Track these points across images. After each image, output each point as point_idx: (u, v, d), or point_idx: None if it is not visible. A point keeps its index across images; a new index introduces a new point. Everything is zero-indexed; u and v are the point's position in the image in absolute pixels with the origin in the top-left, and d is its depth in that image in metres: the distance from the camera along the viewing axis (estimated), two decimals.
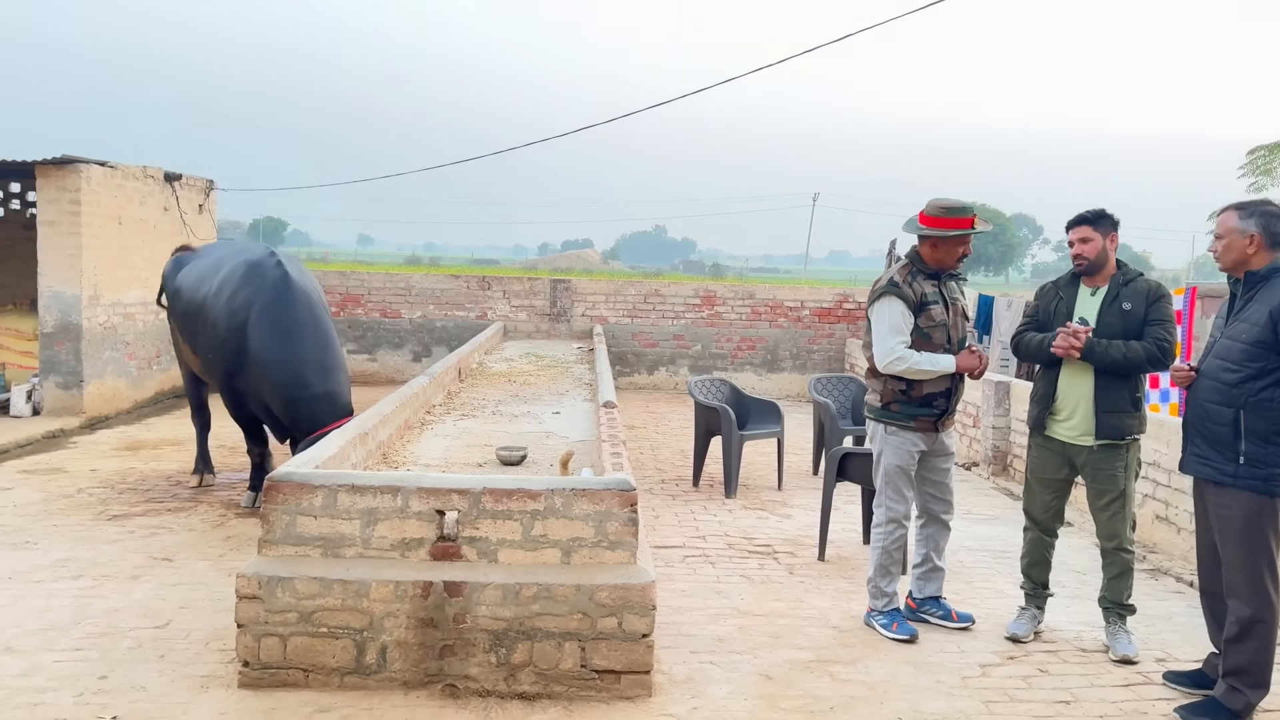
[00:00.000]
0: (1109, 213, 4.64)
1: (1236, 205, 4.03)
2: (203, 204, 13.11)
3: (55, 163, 9.88)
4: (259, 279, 6.57)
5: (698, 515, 6.98)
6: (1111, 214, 4.64)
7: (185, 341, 7.30)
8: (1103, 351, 4.46)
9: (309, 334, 6.44)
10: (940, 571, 4.98)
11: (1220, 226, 4.01)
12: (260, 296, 6.48)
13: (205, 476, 7.54)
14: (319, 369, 6.35)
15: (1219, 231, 4.02)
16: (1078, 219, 4.66)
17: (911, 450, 4.76)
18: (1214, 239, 4.07)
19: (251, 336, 6.39)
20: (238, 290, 6.59)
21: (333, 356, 6.53)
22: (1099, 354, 4.46)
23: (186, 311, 7.11)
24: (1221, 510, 3.90)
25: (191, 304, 7.04)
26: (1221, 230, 4.00)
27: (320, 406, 6.24)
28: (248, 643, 3.92)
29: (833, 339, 14.13)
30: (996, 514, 7.32)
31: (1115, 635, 4.60)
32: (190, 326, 7.09)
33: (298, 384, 6.27)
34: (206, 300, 6.83)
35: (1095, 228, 4.60)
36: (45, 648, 4.33)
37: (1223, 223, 4.01)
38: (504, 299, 14.05)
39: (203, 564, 5.56)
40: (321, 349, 6.46)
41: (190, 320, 7.06)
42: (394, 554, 4.04)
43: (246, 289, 6.55)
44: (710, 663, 4.37)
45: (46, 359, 10.12)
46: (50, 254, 10.00)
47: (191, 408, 7.92)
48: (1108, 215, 4.64)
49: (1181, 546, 5.98)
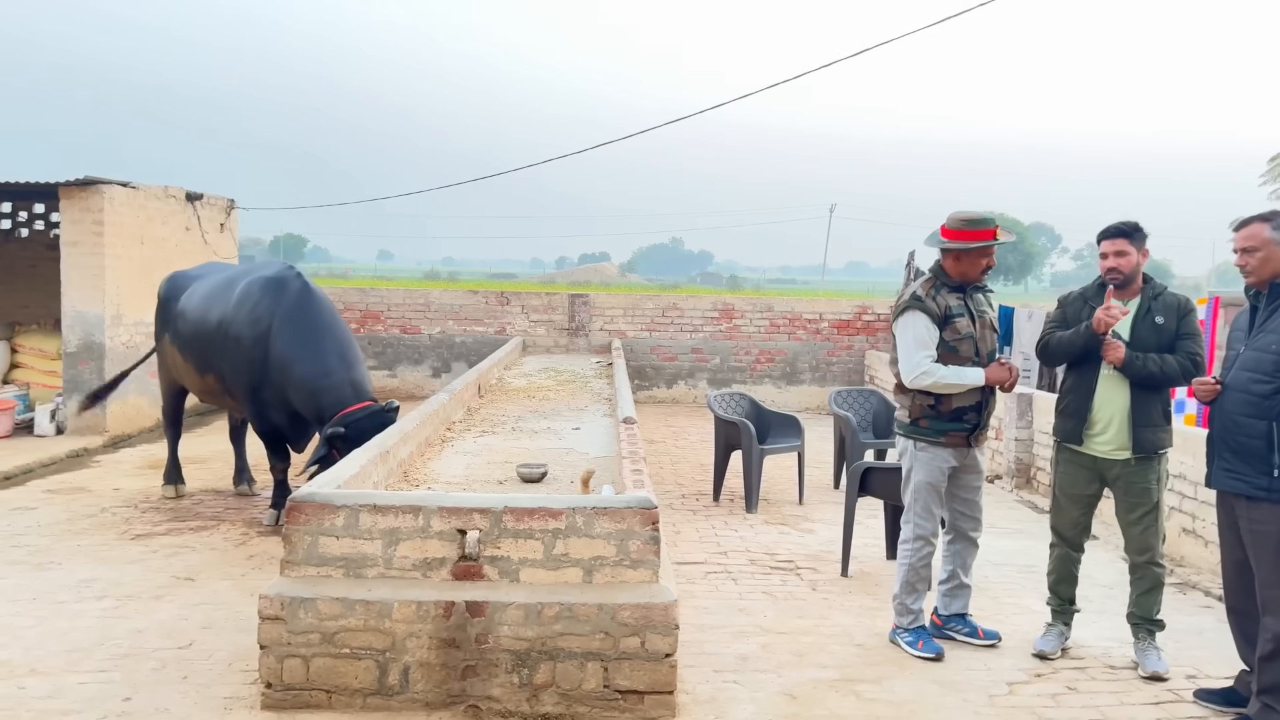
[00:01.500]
0: (1140, 225, 4.58)
1: (1262, 217, 3.96)
2: (224, 223, 13.21)
3: (78, 184, 9.98)
4: (280, 290, 6.82)
5: (719, 531, 6.95)
6: (1143, 227, 4.58)
7: (188, 361, 7.35)
8: (1141, 365, 4.42)
9: (329, 334, 6.75)
10: (967, 588, 4.93)
11: (1250, 240, 3.92)
12: (283, 304, 6.74)
13: (179, 487, 7.75)
14: (340, 359, 6.64)
15: (1251, 245, 3.92)
16: (1114, 231, 4.57)
17: (943, 467, 4.71)
18: (1241, 253, 3.97)
19: (275, 342, 6.63)
20: (259, 302, 6.79)
21: (352, 350, 6.82)
22: (1137, 367, 4.42)
23: (197, 333, 7.19)
24: (1255, 525, 3.83)
25: (203, 324, 7.12)
26: (1255, 243, 3.90)
27: (344, 391, 6.47)
28: (271, 664, 3.92)
29: (852, 351, 14.08)
30: (1021, 527, 7.25)
31: (1145, 651, 4.54)
32: (199, 346, 7.17)
33: (321, 374, 6.52)
34: (225, 318, 6.91)
35: (1131, 241, 4.53)
36: (70, 669, 4.34)
37: (1252, 236, 3.92)
38: (522, 314, 14.07)
39: (225, 583, 5.57)
40: (342, 344, 6.75)
41: (201, 341, 7.14)
42: (416, 574, 4.03)
43: (268, 299, 6.80)
44: (734, 682, 4.33)
45: (70, 378, 10.20)
46: (73, 274, 10.09)
47: (166, 420, 8.13)
48: (1140, 228, 4.58)
49: (1209, 560, 5.89)
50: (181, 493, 7.73)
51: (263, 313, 6.72)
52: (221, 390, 7.21)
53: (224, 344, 6.88)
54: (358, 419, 6.26)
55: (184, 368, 7.48)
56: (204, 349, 7.11)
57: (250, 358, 6.70)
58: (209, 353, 7.06)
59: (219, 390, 7.25)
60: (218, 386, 7.21)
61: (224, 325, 6.90)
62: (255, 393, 6.76)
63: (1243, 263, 3.97)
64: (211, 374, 7.15)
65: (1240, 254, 3.98)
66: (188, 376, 7.53)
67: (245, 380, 6.78)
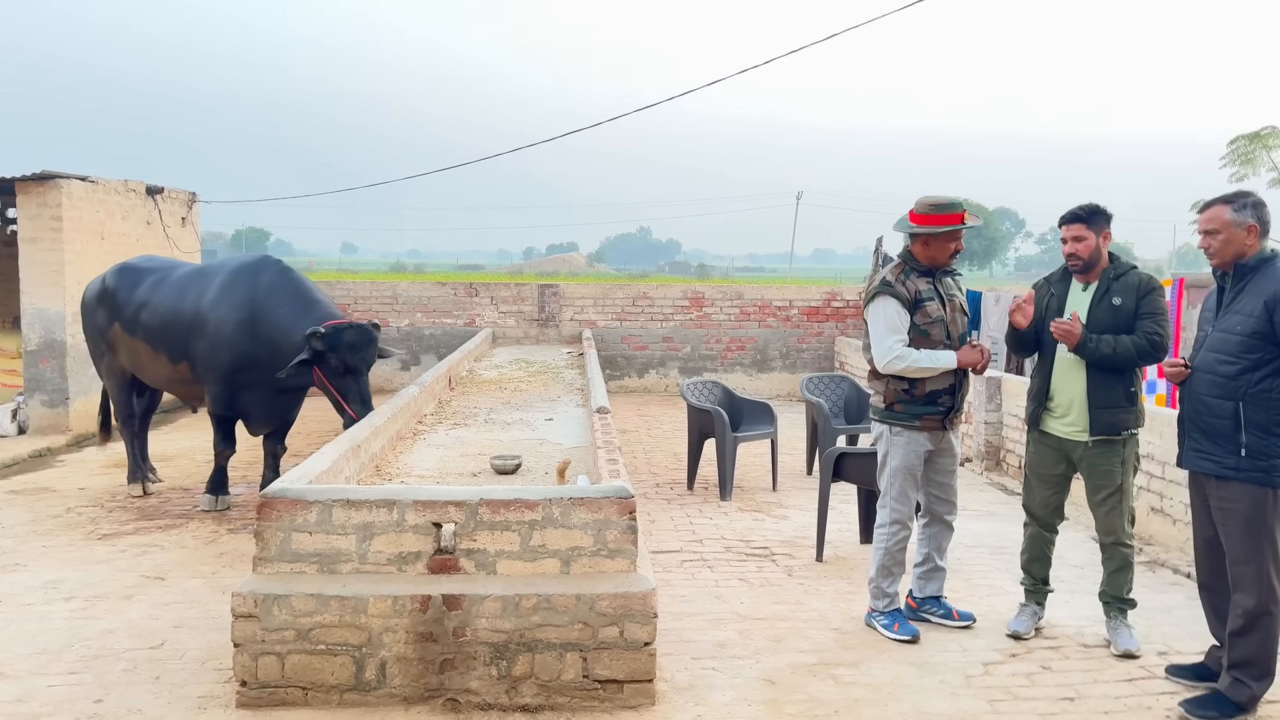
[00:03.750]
0: (1102, 208, 4.59)
1: (1224, 199, 3.97)
2: (185, 217, 13.02)
3: (36, 179, 9.80)
4: (260, 270, 7.05)
5: (694, 519, 6.96)
6: (1105, 209, 4.60)
7: (158, 351, 7.28)
8: (1094, 347, 4.44)
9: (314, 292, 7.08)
10: (941, 571, 4.97)
11: (1212, 222, 3.94)
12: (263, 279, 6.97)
13: (146, 485, 7.66)
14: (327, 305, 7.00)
15: (1213, 226, 3.93)
16: (1070, 216, 4.60)
17: (918, 451, 4.73)
18: (1204, 235, 3.97)
19: (262, 311, 6.80)
20: (240, 285, 6.96)
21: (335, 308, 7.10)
22: (1090, 349, 4.45)
23: (170, 323, 7.15)
24: (1224, 504, 3.88)
25: (178, 313, 7.11)
26: (1216, 225, 3.92)
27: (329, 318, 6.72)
28: (245, 662, 3.87)
29: (822, 338, 14.13)
30: (992, 509, 7.32)
31: (1116, 630, 4.59)
32: (173, 336, 7.13)
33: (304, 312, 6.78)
34: (204, 306, 6.98)
35: (1089, 225, 4.55)
36: (39, 672, 4.27)
37: (1214, 217, 3.93)
38: (492, 305, 14.00)
39: (196, 582, 5.50)
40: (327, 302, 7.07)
41: (179, 329, 7.10)
42: (391, 568, 3.99)
43: (247, 280, 6.96)
44: (712, 669, 4.34)
45: (31, 377, 10.03)
46: (32, 271, 9.92)
47: (121, 417, 7.92)
48: (1101, 211, 4.59)
49: (1178, 538, 5.98)
50: (149, 490, 7.63)
51: (244, 295, 6.88)
52: (194, 378, 7.21)
53: (202, 330, 6.94)
54: (340, 328, 6.59)
55: (150, 356, 7.38)
56: (180, 336, 7.09)
57: (233, 342, 6.81)
58: (185, 340, 7.06)
59: (190, 378, 7.25)
60: (190, 374, 7.20)
61: (203, 313, 6.95)
62: (232, 375, 6.89)
63: (1205, 245, 3.99)
64: (186, 362, 7.15)
65: (1203, 236, 3.99)
66: (152, 366, 7.44)
67: (225, 363, 6.86)
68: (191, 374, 7.18)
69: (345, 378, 6.58)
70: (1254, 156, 22.62)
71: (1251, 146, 22.62)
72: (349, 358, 6.56)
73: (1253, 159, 22.64)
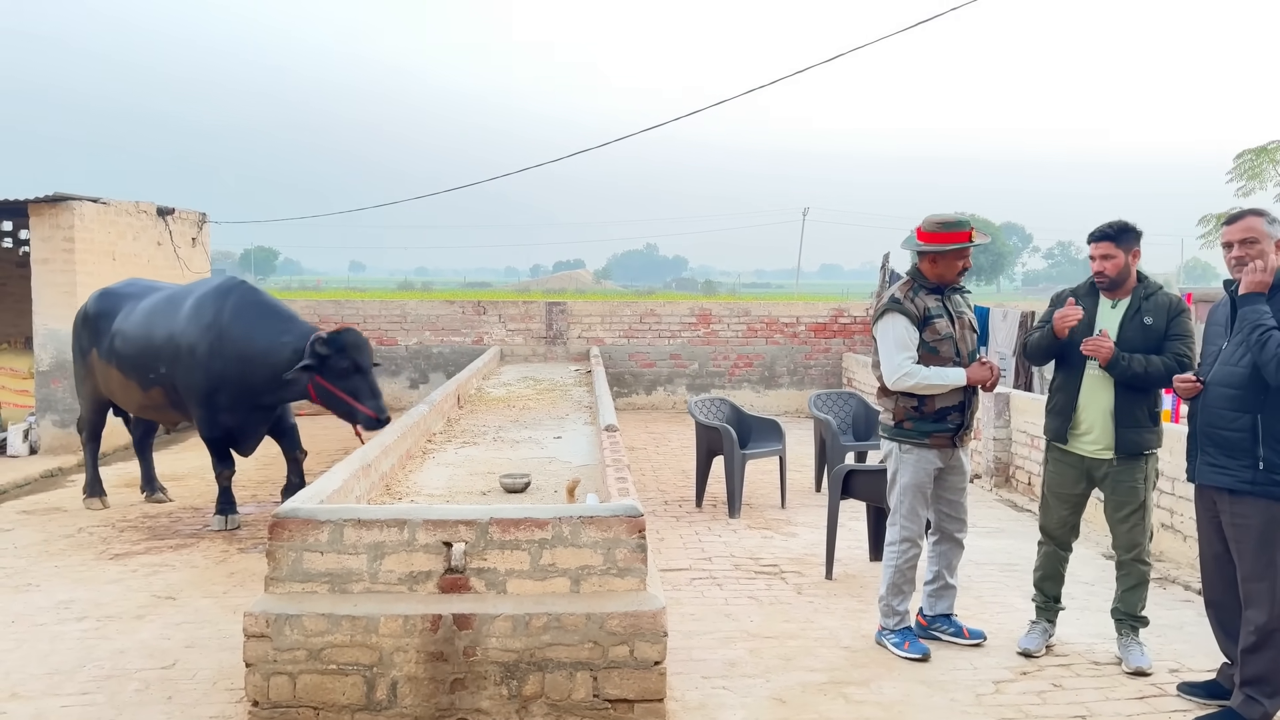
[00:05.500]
0: (1131, 225, 4.54)
1: (1254, 211, 3.92)
2: (195, 237, 13.10)
3: (48, 200, 9.87)
4: (227, 293, 7.18)
5: (702, 536, 6.96)
6: (1134, 227, 4.54)
7: (129, 378, 7.40)
8: (1125, 365, 4.41)
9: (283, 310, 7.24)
10: (952, 589, 4.96)
11: (1251, 230, 3.86)
12: (230, 301, 7.08)
13: (104, 499, 7.88)
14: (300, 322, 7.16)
15: (1252, 235, 3.86)
16: (1099, 234, 4.55)
17: (928, 468, 4.73)
18: (1239, 245, 3.88)
19: (231, 332, 6.92)
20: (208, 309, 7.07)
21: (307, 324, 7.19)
22: (1122, 367, 4.42)
23: (142, 350, 7.29)
24: (1239, 520, 3.87)
25: (148, 340, 7.26)
26: (1255, 234, 3.85)
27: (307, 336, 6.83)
28: (257, 682, 3.88)
29: (829, 354, 14.14)
30: (1002, 526, 7.30)
31: (1128, 647, 4.58)
32: (144, 362, 7.27)
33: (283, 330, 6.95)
34: (176, 331, 7.11)
35: (1118, 244, 4.51)
36: (51, 692, 4.28)
37: (1252, 227, 3.86)
38: (500, 323, 14.04)
39: (207, 601, 5.51)
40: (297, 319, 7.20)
41: (148, 356, 7.24)
42: (402, 588, 4.01)
43: (214, 304, 7.08)
44: (723, 688, 4.34)
45: (43, 397, 10.08)
46: (45, 291, 9.98)
47: (87, 435, 8.16)
48: (1130, 229, 4.54)
49: (1189, 554, 5.96)
50: (106, 504, 7.85)
51: (211, 317, 7.00)
52: (166, 403, 7.37)
53: (175, 355, 7.05)
54: (340, 331, 6.81)
55: (121, 384, 7.51)
56: (150, 364, 7.23)
57: (206, 365, 6.91)
58: (156, 367, 7.18)
59: (163, 404, 7.40)
60: (163, 400, 7.34)
61: (175, 338, 7.08)
62: (210, 397, 6.98)
63: (1242, 254, 3.88)
64: (158, 388, 7.27)
65: (1237, 245, 3.89)
66: (124, 392, 7.57)
67: (201, 386, 6.96)
68: (165, 399, 7.33)
69: (354, 377, 6.78)
70: (1261, 171, 22.59)
71: (1258, 161, 22.60)
72: (358, 356, 6.81)
73: (1259, 173, 22.62)
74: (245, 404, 7.03)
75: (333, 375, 6.74)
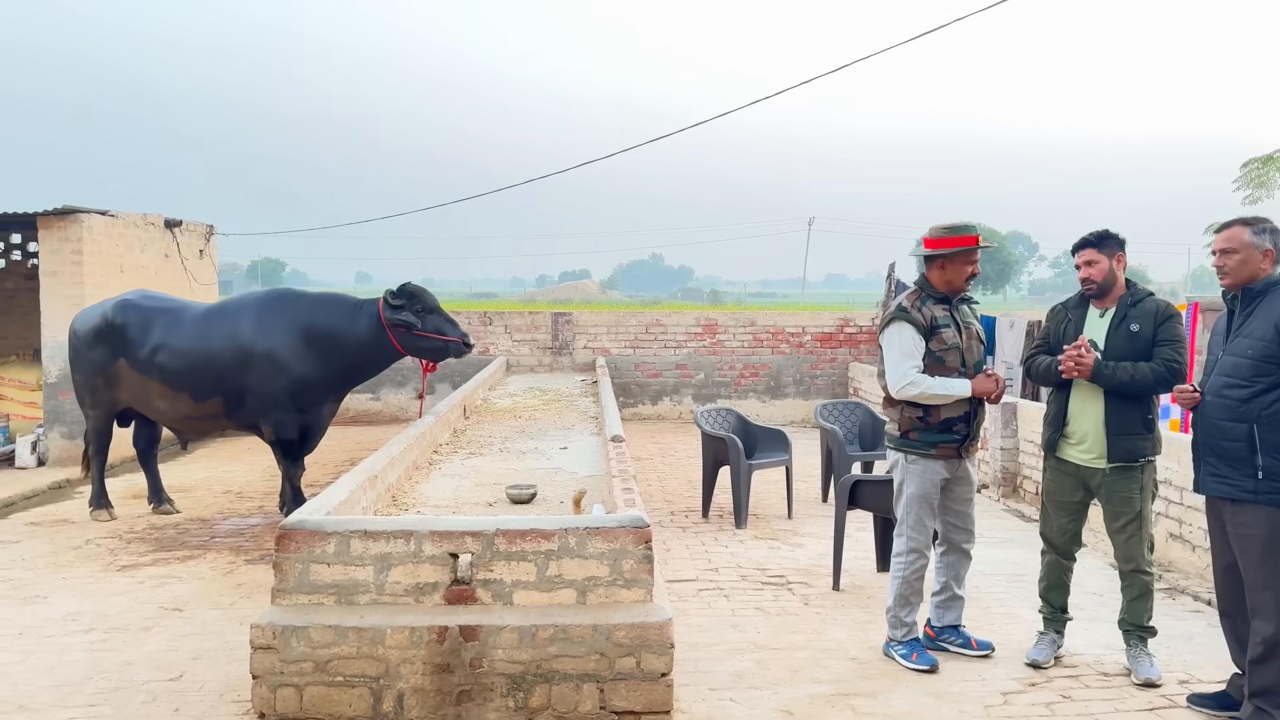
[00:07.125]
0: (1113, 233, 4.62)
1: (1243, 220, 4.00)
2: (203, 249, 13.15)
3: (56, 213, 9.93)
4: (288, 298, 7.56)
5: (709, 547, 6.95)
6: (1116, 234, 4.62)
7: (180, 390, 7.42)
8: (1110, 374, 4.43)
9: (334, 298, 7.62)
10: (960, 600, 4.94)
11: (1230, 241, 3.96)
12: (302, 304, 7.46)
13: (110, 511, 7.94)
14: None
15: (1230, 246, 3.96)
16: (1082, 242, 4.65)
17: (934, 479, 4.72)
18: (1220, 254, 4.00)
19: (310, 327, 7.28)
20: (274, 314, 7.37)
21: None
22: (1106, 376, 4.44)
23: (201, 362, 7.33)
24: (1242, 529, 3.87)
25: (208, 352, 7.32)
26: (1234, 245, 3.94)
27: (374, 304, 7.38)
28: (263, 694, 3.88)
29: (835, 364, 14.13)
30: (1009, 536, 7.28)
31: (1137, 658, 4.56)
32: (202, 374, 7.33)
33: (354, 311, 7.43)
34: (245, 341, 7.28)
35: (1100, 249, 4.58)
36: (59, 704, 4.29)
37: (1233, 238, 3.96)
38: (506, 333, 14.06)
39: (214, 613, 5.52)
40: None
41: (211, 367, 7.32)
42: (408, 599, 4.01)
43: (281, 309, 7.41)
44: (730, 699, 4.32)
45: (51, 409, 10.12)
46: (53, 304, 10.02)
47: (94, 445, 8.16)
48: (1112, 235, 4.62)
49: (1198, 565, 5.94)
50: (113, 515, 7.89)
51: (285, 320, 7.31)
52: (220, 413, 7.46)
53: (246, 364, 7.23)
54: (402, 287, 7.41)
55: (165, 395, 7.47)
56: (211, 376, 7.31)
57: (289, 367, 7.20)
58: (221, 378, 7.29)
59: (217, 413, 7.47)
60: (219, 410, 7.42)
61: (245, 348, 7.25)
62: (295, 398, 7.26)
63: (1220, 264, 4.00)
64: (217, 398, 7.36)
65: (1219, 255, 4.01)
66: (167, 404, 7.52)
67: (286, 389, 7.23)
68: (221, 409, 7.40)
69: (431, 316, 7.34)
70: (1267, 179, 22.53)
71: (1265, 169, 22.54)
72: (426, 299, 7.40)
73: (1266, 182, 22.55)
74: (325, 398, 7.43)
75: (411, 321, 7.28)
